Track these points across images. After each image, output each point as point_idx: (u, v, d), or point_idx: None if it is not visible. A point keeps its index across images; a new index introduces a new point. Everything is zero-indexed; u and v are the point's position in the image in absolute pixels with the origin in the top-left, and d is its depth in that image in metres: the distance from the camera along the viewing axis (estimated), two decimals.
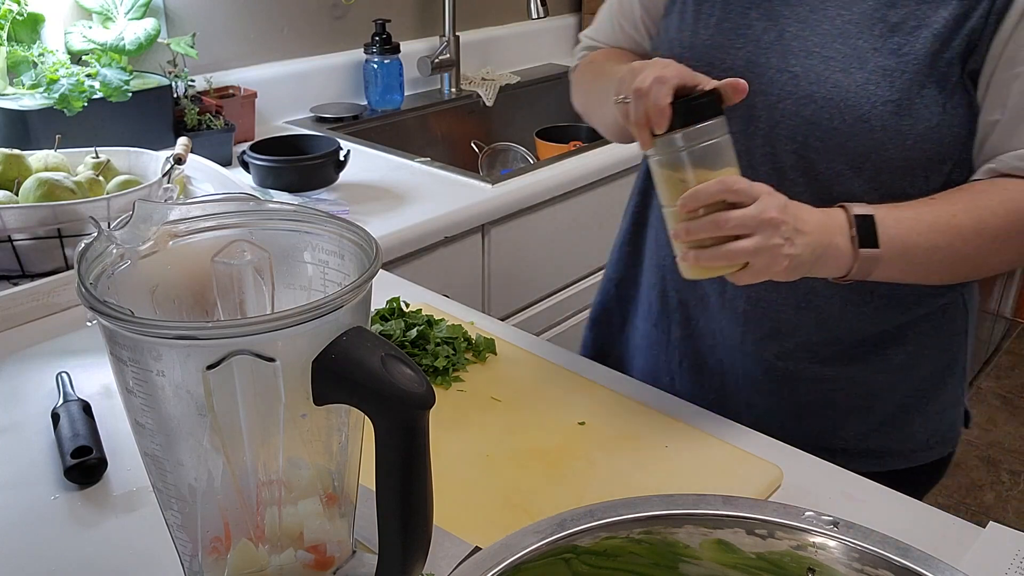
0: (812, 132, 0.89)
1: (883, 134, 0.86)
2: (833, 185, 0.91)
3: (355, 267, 0.59)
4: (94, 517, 0.77)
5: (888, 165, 0.88)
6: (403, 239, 1.42)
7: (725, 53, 0.94)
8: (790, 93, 0.90)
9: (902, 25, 0.86)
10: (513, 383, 0.96)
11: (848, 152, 0.88)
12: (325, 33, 2.01)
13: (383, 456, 0.52)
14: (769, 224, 0.78)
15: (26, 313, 1.07)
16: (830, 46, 0.88)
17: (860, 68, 0.86)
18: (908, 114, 0.86)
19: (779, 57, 0.91)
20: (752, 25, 0.93)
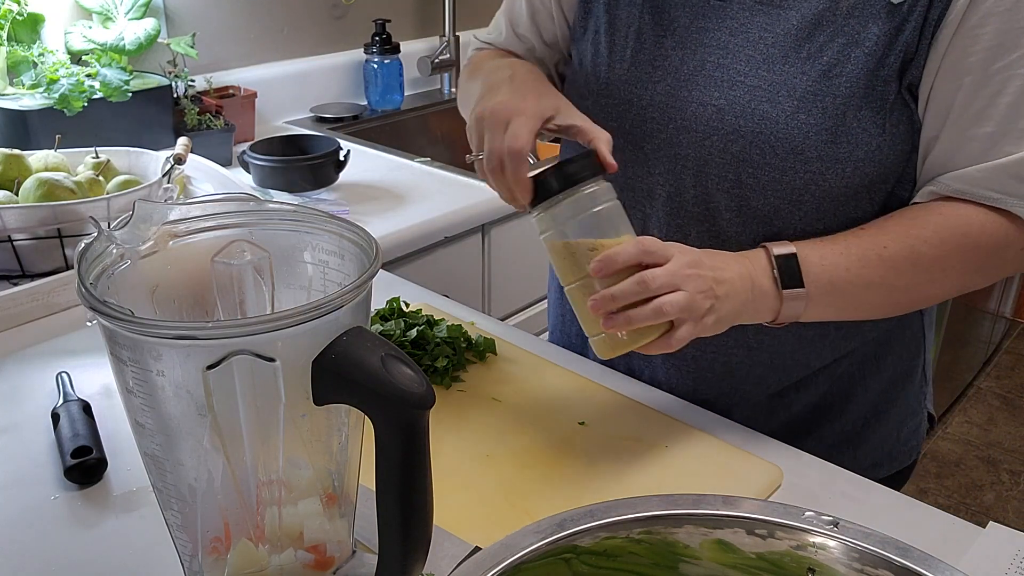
0: (743, 169, 0.84)
1: (820, 164, 0.81)
2: (772, 221, 0.85)
3: (355, 267, 0.59)
4: (94, 517, 0.77)
5: (828, 194, 0.83)
6: (403, 239, 1.42)
7: (643, 88, 0.88)
8: (716, 128, 0.84)
9: (830, 44, 0.80)
10: (513, 383, 0.96)
11: (784, 186, 0.83)
12: (325, 33, 2.01)
13: (383, 456, 0.52)
14: (693, 278, 0.75)
15: (26, 313, 1.07)
16: (754, 74, 0.82)
17: (788, 96, 0.81)
18: (845, 140, 0.81)
19: (701, 89, 0.85)
20: (668, 56, 0.87)
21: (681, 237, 0.87)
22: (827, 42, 0.80)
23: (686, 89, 0.86)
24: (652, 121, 0.88)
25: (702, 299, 0.75)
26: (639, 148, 0.89)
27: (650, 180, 0.90)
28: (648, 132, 0.88)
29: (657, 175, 0.89)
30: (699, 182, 0.86)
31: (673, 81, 0.87)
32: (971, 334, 2.90)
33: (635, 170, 0.90)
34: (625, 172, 0.89)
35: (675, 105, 0.86)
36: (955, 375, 2.88)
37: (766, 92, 0.82)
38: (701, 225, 0.88)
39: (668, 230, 0.90)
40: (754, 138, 0.82)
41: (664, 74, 0.87)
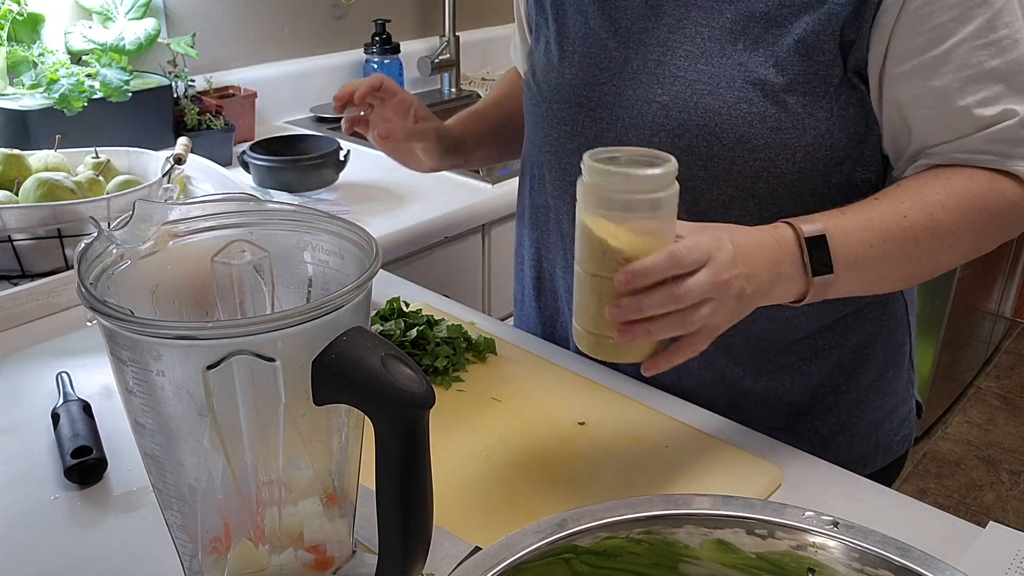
0: (693, 163, 0.84)
1: (768, 152, 0.82)
2: (727, 211, 0.85)
3: (355, 267, 0.59)
4: (94, 517, 0.77)
5: (782, 180, 0.83)
6: (403, 239, 1.42)
7: (591, 89, 0.90)
8: (662, 125, 0.85)
9: (764, 36, 0.81)
10: (513, 383, 0.96)
11: (735, 176, 0.84)
12: (325, 33, 2.01)
13: (383, 456, 0.52)
14: (726, 285, 0.71)
15: (26, 313, 1.07)
16: (694, 68, 0.84)
17: (728, 87, 0.82)
18: (790, 126, 0.81)
19: (644, 87, 0.86)
20: (613, 56, 0.89)
21: None
22: (762, 33, 0.81)
23: (631, 87, 0.88)
24: (602, 121, 0.90)
25: (731, 306, 0.72)
26: (581, 143, 0.91)
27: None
28: (599, 132, 0.91)
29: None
30: None
31: (619, 81, 0.89)
32: (971, 334, 2.90)
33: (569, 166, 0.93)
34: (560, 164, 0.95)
35: (622, 104, 0.88)
36: (955, 375, 2.88)
37: (707, 85, 0.83)
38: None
39: None
40: (699, 131, 0.83)
41: (610, 75, 0.89)
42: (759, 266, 0.74)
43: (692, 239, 0.71)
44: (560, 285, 1.06)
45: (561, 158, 0.96)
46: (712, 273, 0.70)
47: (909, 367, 1.04)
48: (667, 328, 0.70)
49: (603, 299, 0.71)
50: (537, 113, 0.98)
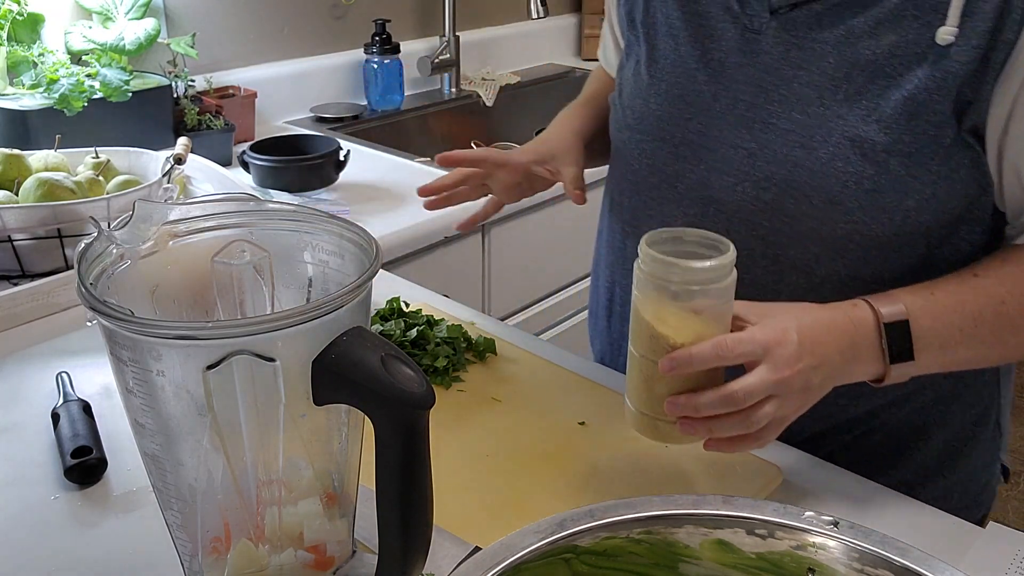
0: (777, 217, 0.79)
1: (862, 215, 0.75)
2: (812, 270, 0.80)
3: (355, 267, 0.59)
4: (94, 517, 0.77)
5: (876, 243, 0.77)
6: (403, 239, 1.42)
7: (675, 126, 0.85)
8: (747, 174, 0.80)
9: (870, 87, 0.74)
10: (513, 383, 0.96)
11: (823, 237, 0.78)
12: (325, 33, 2.01)
13: (383, 456, 0.52)
14: (788, 381, 0.67)
15: (26, 313, 1.07)
16: (787, 116, 0.77)
17: (824, 141, 0.75)
18: (890, 189, 0.74)
19: (733, 129, 0.81)
20: (701, 91, 0.83)
21: None
22: (866, 84, 0.74)
23: (717, 128, 0.82)
24: (684, 160, 0.85)
25: (797, 399, 0.69)
26: (672, 187, 0.87)
27: (683, 221, 0.86)
28: (681, 171, 0.85)
29: (691, 216, 0.85)
30: (732, 227, 0.82)
31: (705, 118, 0.83)
32: None
33: (668, 208, 0.87)
34: (661, 210, 0.88)
35: (706, 145, 0.83)
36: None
37: (800, 137, 0.77)
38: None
39: None
40: (787, 186, 0.78)
41: (696, 111, 0.84)
42: (829, 351, 0.70)
43: (749, 331, 0.69)
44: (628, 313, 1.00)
45: (640, 190, 0.91)
46: (771, 370, 0.67)
47: (996, 430, 0.94)
48: (729, 427, 0.68)
49: (652, 383, 0.71)
50: (620, 138, 0.92)
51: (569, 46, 2.62)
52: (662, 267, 0.68)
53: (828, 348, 0.70)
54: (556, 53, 2.57)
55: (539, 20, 2.10)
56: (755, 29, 0.79)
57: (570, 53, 2.63)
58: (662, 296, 0.69)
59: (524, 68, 2.44)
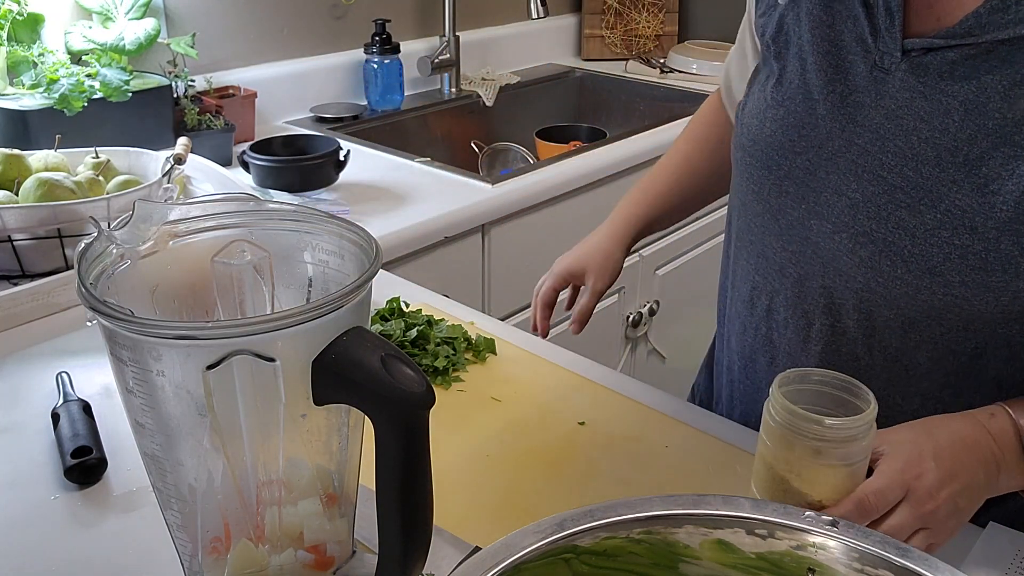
0: (872, 277, 0.75)
1: (963, 290, 0.70)
2: (907, 334, 0.75)
3: (355, 267, 0.59)
4: (94, 517, 0.77)
5: (979, 317, 0.71)
6: (403, 239, 1.42)
7: (784, 157, 0.80)
8: (847, 225, 0.75)
9: (993, 153, 0.67)
10: (513, 383, 0.96)
11: (920, 304, 0.73)
12: (325, 33, 2.01)
13: (383, 456, 0.52)
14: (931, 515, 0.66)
15: (26, 313, 1.07)
16: (899, 171, 0.72)
17: (932, 206, 0.70)
18: (999, 268, 0.68)
19: (841, 174, 0.76)
20: (818, 125, 0.77)
21: (805, 325, 0.83)
22: (991, 150, 0.68)
23: (824, 170, 0.77)
24: (787, 195, 0.81)
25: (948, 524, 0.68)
26: (775, 219, 0.83)
27: (782, 256, 0.83)
28: (783, 206, 0.82)
29: (789, 252, 0.82)
30: (826, 274, 0.79)
31: (815, 156, 0.78)
32: None
33: (770, 241, 0.84)
34: (762, 239, 0.85)
35: (810, 184, 0.79)
36: None
37: (907, 197, 0.72)
38: (825, 319, 0.81)
39: (792, 313, 0.84)
40: (885, 246, 0.73)
41: (808, 145, 0.78)
42: (973, 469, 0.68)
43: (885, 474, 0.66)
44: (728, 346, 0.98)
45: (746, 213, 0.88)
46: (913, 508, 0.66)
47: None
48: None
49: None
50: (735, 156, 0.88)
51: (569, 46, 2.62)
52: (803, 421, 0.65)
53: (970, 468, 0.68)
54: (556, 53, 2.57)
55: (539, 20, 2.10)
56: (885, 67, 0.74)
57: (570, 53, 2.63)
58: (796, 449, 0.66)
59: (524, 68, 2.44)
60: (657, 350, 2.10)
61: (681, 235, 2.03)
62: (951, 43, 0.70)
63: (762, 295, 0.87)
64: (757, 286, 0.87)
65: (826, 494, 0.67)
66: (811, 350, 0.83)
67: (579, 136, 2.14)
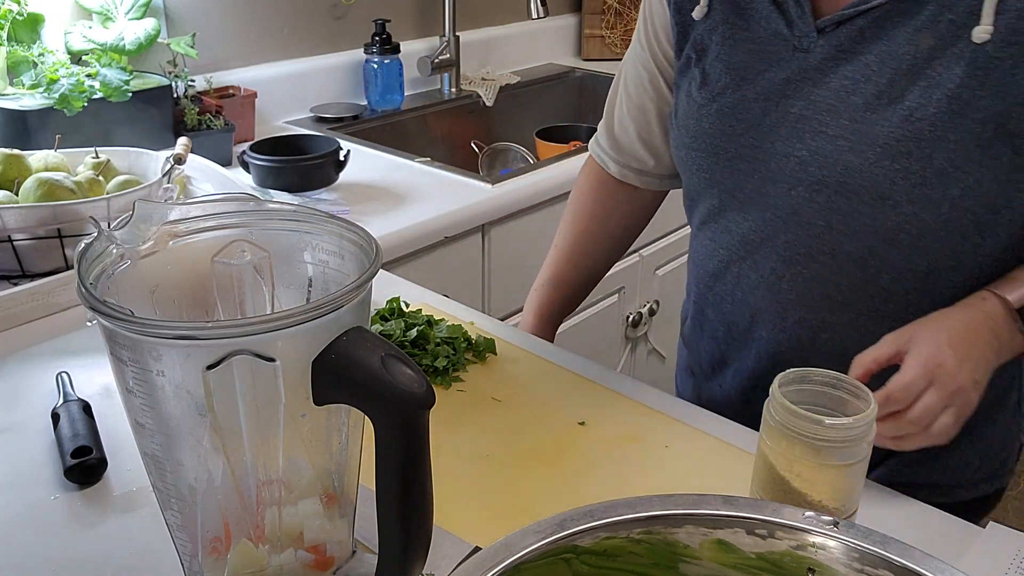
0: (832, 217, 0.84)
1: (911, 207, 0.81)
2: (868, 261, 0.85)
3: (355, 267, 0.59)
4: (94, 517, 0.77)
5: (927, 231, 0.82)
6: (403, 239, 1.42)
7: (729, 141, 0.90)
8: (800, 179, 0.85)
9: (911, 89, 0.79)
10: (513, 383, 0.96)
11: (876, 230, 0.83)
12: (325, 33, 2.01)
13: (383, 456, 0.52)
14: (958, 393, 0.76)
15: (26, 313, 1.07)
16: (836, 123, 0.82)
17: (871, 144, 0.80)
18: (936, 181, 0.79)
19: (784, 140, 0.86)
20: (751, 108, 0.88)
21: (776, 280, 0.91)
22: (908, 87, 0.79)
23: (769, 141, 0.87)
24: (740, 172, 0.90)
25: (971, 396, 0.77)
26: (732, 196, 0.92)
27: (745, 226, 0.92)
28: (738, 182, 0.91)
29: (751, 221, 0.91)
30: (789, 228, 0.88)
31: (756, 133, 0.88)
32: None
33: (731, 216, 0.93)
34: (722, 218, 0.94)
35: (759, 156, 0.88)
36: None
37: (848, 141, 0.82)
38: (794, 268, 0.89)
39: (762, 274, 0.92)
40: (839, 187, 0.83)
41: (748, 126, 0.88)
42: (983, 348, 0.78)
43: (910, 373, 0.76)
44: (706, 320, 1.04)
45: (703, 200, 0.96)
46: (938, 391, 0.75)
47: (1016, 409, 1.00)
48: (914, 443, 0.77)
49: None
50: (679, 156, 0.98)
51: (569, 46, 2.62)
52: (803, 421, 0.66)
53: (979, 346, 0.78)
54: (556, 53, 2.57)
55: (539, 20, 2.10)
56: (805, 48, 0.84)
57: (570, 53, 2.63)
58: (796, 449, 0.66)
59: (524, 68, 2.44)
60: (657, 350, 2.10)
61: (681, 235, 2.03)
62: (859, 9, 0.81)
63: (731, 266, 0.95)
64: (724, 259, 0.95)
65: (826, 494, 0.67)
66: (786, 300, 0.91)
67: (579, 136, 2.14)
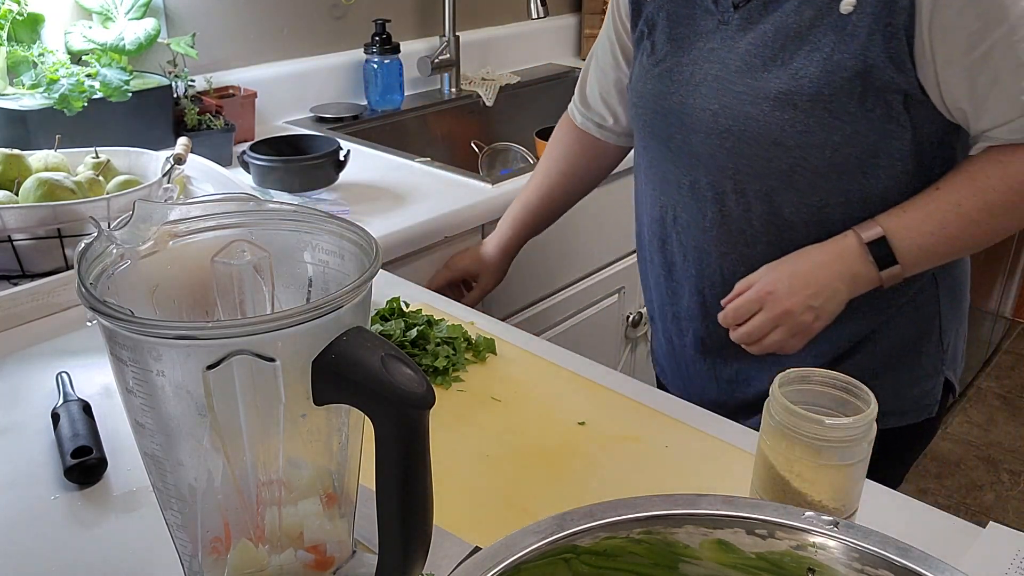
0: (738, 161, 1.00)
1: (799, 151, 0.96)
2: (771, 199, 1.00)
3: (355, 267, 0.59)
4: (94, 517, 0.77)
5: (816, 173, 0.97)
6: (403, 239, 1.42)
7: (664, 99, 1.06)
8: (712, 129, 1.00)
9: (796, 53, 0.94)
10: (513, 383, 0.96)
11: (774, 171, 0.98)
12: (325, 33, 2.01)
13: (383, 456, 0.52)
14: (786, 314, 0.95)
15: (26, 313, 1.07)
16: (741, 82, 0.98)
17: (765, 98, 0.95)
18: (818, 128, 0.94)
19: (704, 97, 1.01)
20: (683, 69, 1.04)
21: (701, 218, 1.06)
22: (795, 51, 0.94)
23: (692, 97, 1.03)
24: (672, 126, 1.06)
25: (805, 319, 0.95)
26: (666, 147, 1.08)
27: (676, 173, 1.08)
28: (670, 135, 1.06)
29: (680, 169, 1.07)
30: (709, 172, 1.03)
31: (684, 92, 1.04)
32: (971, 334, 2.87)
33: (665, 166, 1.10)
34: (661, 167, 1.10)
35: (686, 112, 1.03)
36: None
37: (748, 96, 0.97)
38: (714, 207, 1.04)
39: (690, 213, 1.08)
40: (742, 135, 0.98)
41: (679, 86, 1.04)
42: (823, 279, 0.95)
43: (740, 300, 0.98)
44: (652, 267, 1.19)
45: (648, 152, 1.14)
46: (767, 313, 0.96)
47: (939, 347, 1.11)
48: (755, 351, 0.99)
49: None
50: (630, 115, 1.16)
51: (569, 46, 2.62)
52: (803, 421, 0.66)
53: (819, 277, 0.95)
54: (556, 53, 2.57)
55: (539, 20, 2.10)
56: (725, 22, 1.01)
57: (570, 53, 2.63)
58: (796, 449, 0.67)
59: (524, 68, 2.44)
60: None
61: None
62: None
63: (667, 210, 1.11)
64: (663, 204, 1.12)
65: (826, 494, 0.67)
66: (709, 236, 1.06)
67: None
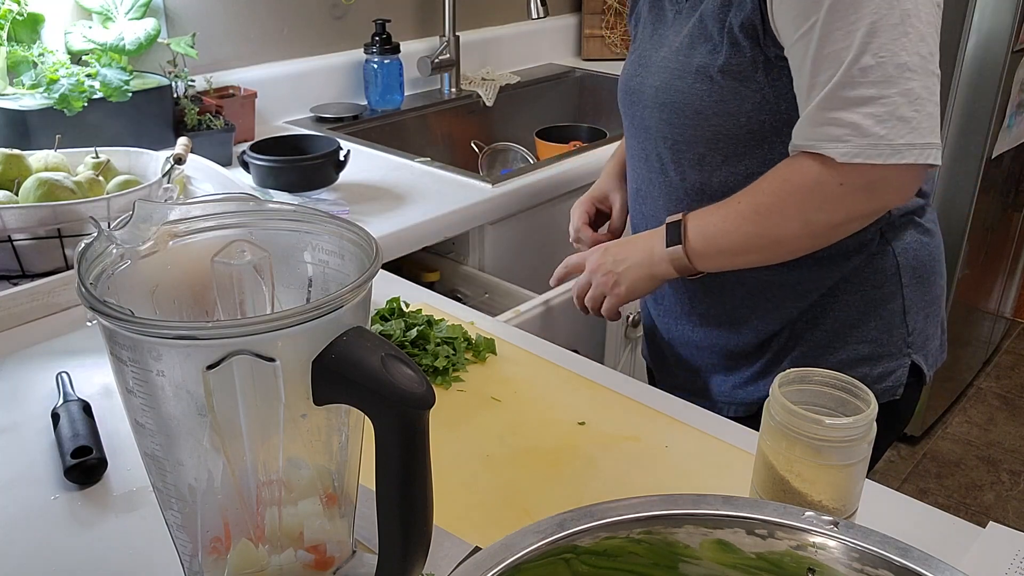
0: (672, 130, 1.10)
1: (718, 120, 1.05)
2: (702, 166, 1.09)
3: (355, 267, 0.59)
4: (94, 517, 0.77)
5: (737, 140, 1.05)
6: (403, 239, 1.42)
7: (630, 79, 1.18)
8: (654, 102, 1.11)
9: (712, 31, 1.04)
10: (513, 383, 0.96)
11: (701, 138, 1.07)
12: (325, 33, 2.01)
13: (383, 456, 0.52)
14: (596, 270, 1.15)
15: (26, 313, 1.07)
16: (675, 59, 1.08)
17: (689, 72, 1.06)
18: (732, 98, 1.03)
19: (653, 75, 1.12)
20: (646, 55, 1.15)
21: (651, 187, 1.17)
22: (711, 31, 1.04)
23: (646, 77, 1.14)
24: (635, 104, 1.17)
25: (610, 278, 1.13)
26: (631, 124, 1.20)
27: (635, 144, 1.19)
28: (635, 113, 1.18)
29: (638, 140, 1.18)
30: (655, 143, 1.14)
31: (643, 73, 1.15)
32: (971, 334, 2.89)
33: (632, 142, 1.21)
34: (631, 145, 1.21)
35: (643, 91, 1.15)
36: (955, 375, 2.88)
37: (677, 72, 1.08)
38: (660, 176, 1.15)
39: (647, 184, 1.18)
40: (674, 107, 1.09)
41: (641, 68, 1.16)
42: (628, 251, 1.13)
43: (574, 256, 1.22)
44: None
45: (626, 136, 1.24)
46: (587, 273, 1.18)
47: (903, 328, 1.14)
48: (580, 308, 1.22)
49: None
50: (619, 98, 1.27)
51: (569, 46, 2.62)
52: (803, 421, 0.65)
53: (626, 249, 1.14)
54: (556, 53, 2.57)
55: (539, 20, 2.10)
56: (679, 11, 1.11)
57: (570, 53, 2.63)
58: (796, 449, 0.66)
59: (524, 68, 2.44)
60: None
61: None
62: None
63: (635, 183, 1.22)
64: (633, 177, 1.23)
65: (826, 494, 0.67)
66: (659, 204, 1.16)
67: (579, 136, 2.14)
